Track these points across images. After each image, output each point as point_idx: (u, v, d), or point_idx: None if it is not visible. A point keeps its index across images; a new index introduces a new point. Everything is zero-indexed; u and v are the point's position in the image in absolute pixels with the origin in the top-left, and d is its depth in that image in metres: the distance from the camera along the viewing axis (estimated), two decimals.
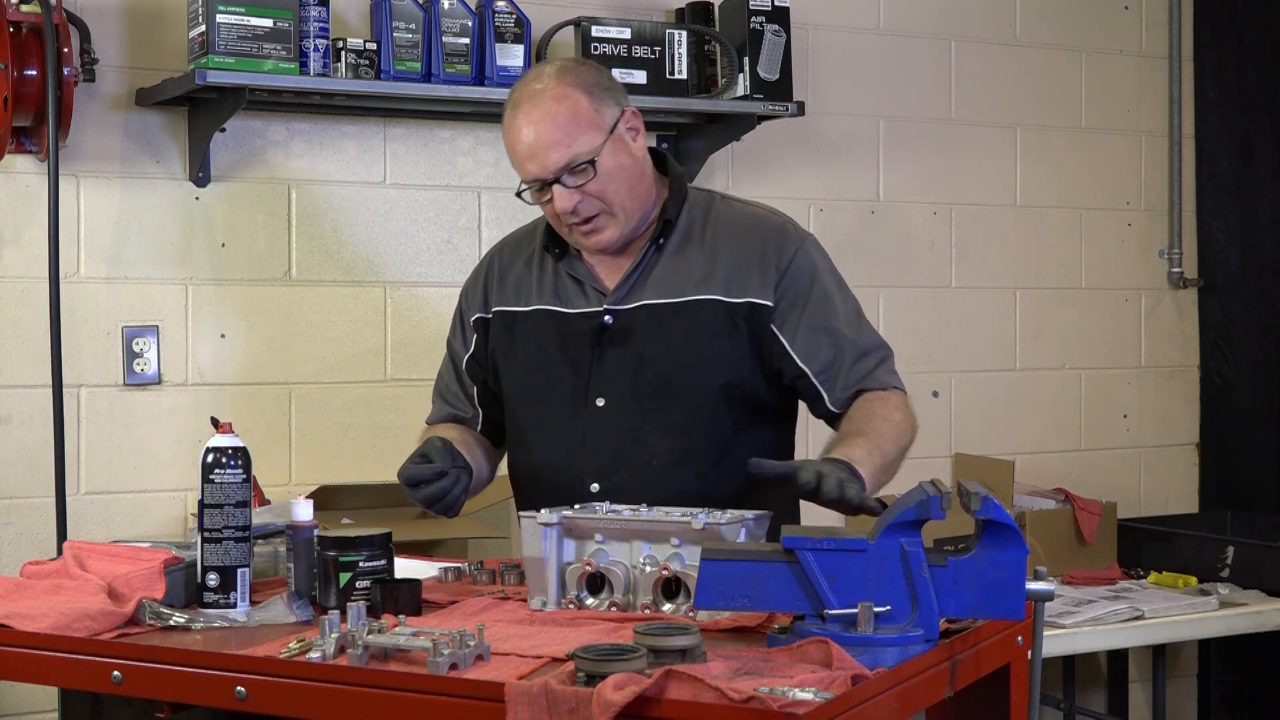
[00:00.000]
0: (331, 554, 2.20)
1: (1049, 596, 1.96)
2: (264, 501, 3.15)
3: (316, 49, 3.42)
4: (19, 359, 3.45)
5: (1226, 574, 4.08)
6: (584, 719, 1.66)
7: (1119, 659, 4.52)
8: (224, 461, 2.21)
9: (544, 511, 2.18)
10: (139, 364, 3.54)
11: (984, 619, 2.03)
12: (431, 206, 3.83)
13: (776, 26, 3.88)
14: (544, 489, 2.57)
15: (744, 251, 2.59)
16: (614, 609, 2.13)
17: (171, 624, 2.12)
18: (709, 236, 2.62)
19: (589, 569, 2.16)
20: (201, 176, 3.58)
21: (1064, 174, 4.61)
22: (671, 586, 2.12)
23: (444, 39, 3.55)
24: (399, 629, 1.93)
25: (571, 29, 3.76)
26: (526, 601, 2.19)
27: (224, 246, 3.62)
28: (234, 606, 2.19)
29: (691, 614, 2.08)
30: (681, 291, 2.58)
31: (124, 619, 2.11)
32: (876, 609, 1.88)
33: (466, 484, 2.45)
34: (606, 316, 2.59)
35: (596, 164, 2.49)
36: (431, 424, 2.79)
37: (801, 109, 3.90)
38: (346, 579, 2.19)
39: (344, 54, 3.47)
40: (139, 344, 3.54)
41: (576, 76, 2.55)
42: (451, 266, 3.82)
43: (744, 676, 1.74)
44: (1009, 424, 4.52)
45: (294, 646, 1.94)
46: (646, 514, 2.18)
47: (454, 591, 2.33)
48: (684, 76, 3.83)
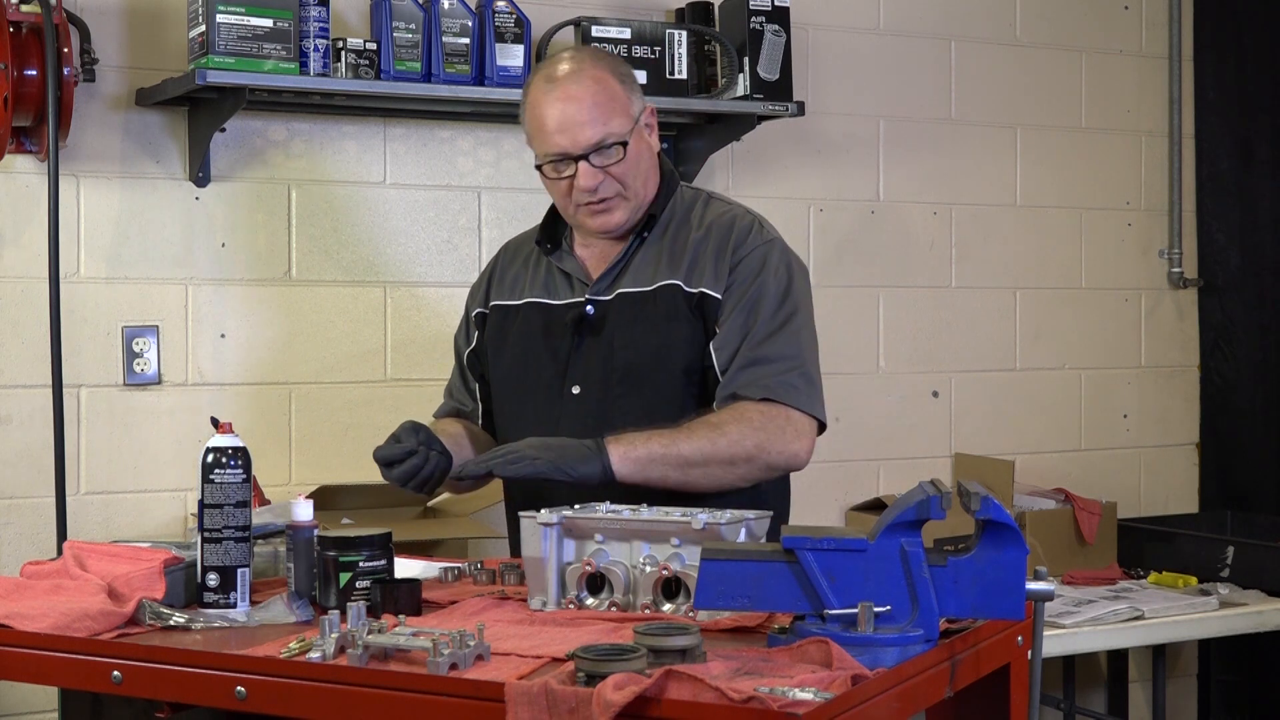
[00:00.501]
0: (331, 554, 2.21)
1: (1049, 596, 1.96)
2: (264, 501, 3.15)
3: (316, 49, 3.42)
4: (19, 359, 3.45)
5: (1226, 574, 4.07)
6: (584, 719, 1.66)
7: (1119, 659, 4.52)
8: (224, 461, 2.21)
9: (544, 511, 2.19)
10: (139, 364, 3.54)
11: (984, 619, 2.03)
12: (431, 206, 3.83)
13: (776, 26, 3.87)
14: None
15: (710, 245, 2.64)
16: (614, 609, 2.13)
17: (171, 624, 2.12)
18: (686, 231, 2.67)
19: (589, 569, 2.16)
20: (201, 176, 3.57)
21: (1064, 174, 4.60)
22: (671, 586, 2.12)
23: (444, 39, 3.55)
24: (399, 629, 1.93)
25: (571, 29, 3.75)
26: (526, 601, 2.19)
27: (224, 246, 3.62)
28: (234, 606, 2.19)
29: (691, 614, 2.08)
30: (652, 280, 2.63)
31: (124, 619, 2.11)
32: (876, 609, 1.88)
33: (439, 464, 2.50)
34: (588, 306, 2.64)
35: (627, 147, 2.57)
36: (437, 419, 2.86)
37: (801, 109, 3.90)
38: (346, 579, 2.19)
39: (344, 54, 3.46)
40: (139, 344, 3.54)
41: (611, 63, 2.65)
42: (451, 267, 3.82)
43: (744, 676, 1.74)
44: (1009, 424, 4.51)
45: (294, 646, 1.93)
46: (646, 514, 2.18)
47: (454, 591, 2.33)
48: (684, 76, 3.82)
